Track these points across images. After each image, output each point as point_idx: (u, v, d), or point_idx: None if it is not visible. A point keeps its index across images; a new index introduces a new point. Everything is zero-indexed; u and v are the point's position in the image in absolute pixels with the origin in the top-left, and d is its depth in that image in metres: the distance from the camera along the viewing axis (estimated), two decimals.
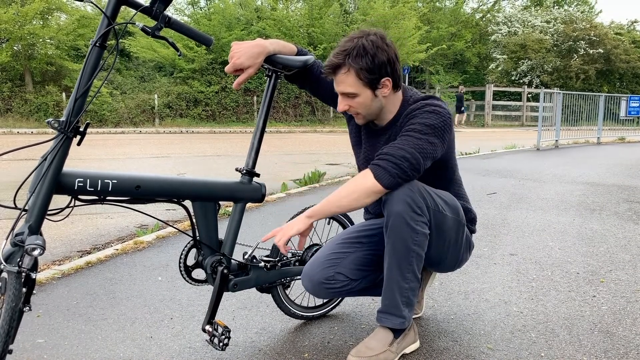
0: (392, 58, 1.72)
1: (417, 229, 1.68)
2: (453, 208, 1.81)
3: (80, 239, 3.73)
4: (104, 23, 1.45)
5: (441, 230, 1.77)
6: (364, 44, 1.69)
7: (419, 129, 1.68)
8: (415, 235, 1.68)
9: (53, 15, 19.53)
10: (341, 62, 1.70)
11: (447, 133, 1.72)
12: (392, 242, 1.70)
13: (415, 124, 1.70)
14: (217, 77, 20.13)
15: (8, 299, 1.31)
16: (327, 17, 21.60)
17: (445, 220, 1.77)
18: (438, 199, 1.76)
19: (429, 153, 1.68)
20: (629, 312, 2.27)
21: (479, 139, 13.96)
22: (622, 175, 6.74)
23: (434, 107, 1.73)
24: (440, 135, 1.70)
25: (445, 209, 1.77)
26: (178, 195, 1.71)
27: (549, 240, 3.47)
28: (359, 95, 1.74)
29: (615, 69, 26.43)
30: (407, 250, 1.69)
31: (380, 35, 1.73)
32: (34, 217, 1.40)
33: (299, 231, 1.72)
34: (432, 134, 1.68)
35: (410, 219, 1.66)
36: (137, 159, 8.81)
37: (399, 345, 1.81)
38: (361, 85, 1.72)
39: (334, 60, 1.72)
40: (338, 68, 1.72)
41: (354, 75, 1.70)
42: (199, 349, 1.92)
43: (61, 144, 1.42)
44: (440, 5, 30.33)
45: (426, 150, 1.67)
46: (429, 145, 1.67)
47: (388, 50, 1.71)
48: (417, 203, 1.68)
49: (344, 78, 1.72)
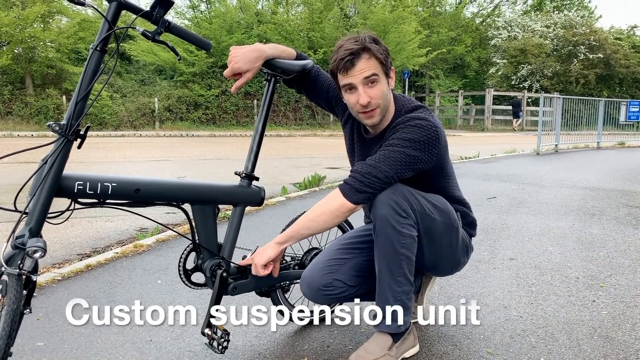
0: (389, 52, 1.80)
1: (404, 231, 1.68)
2: (443, 211, 1.81)
3: (80, 242, 3.73)
4: (104, 27, 1.45)
5: (431, 233, 1.77)
6: (368, 35, 1.75)
7: (397, 143, 1.69)
8: (402, 238, 1.68)
9: (54, 19, 19.58)
10: (362, 47, 1.71)
11: (433, 146, 1.70)
12: (380, 246, 1.71)
13: (394, 139, 1.70)
14: (218, 81, 20.16)
15: (9, 302, 1.31)
16: (327, 21, 21.66)
17: (434, 223, 1.77)
18: (425, 202, 1.76)
19: (405, 165, 1.67)
20: (628, 317, 2.27)
21: (478, 144, 13.96)
22: (621, 180, 6.75)
23: (418, 120, 1.72)
24: (423, 148, 1.68)
25: (433, 212, 1.77)
26: (177, 198, 1.71)
27: (548, 245, 3.47)
28: (380, 80, 1.73)
29: (615, 74, 26.46)
30: (396, 253, 1.69)
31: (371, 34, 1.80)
32: (34, 220, 1.40)
33: (270, 259, 1.75)
34: (411, 147, 1.67)
35: (395, 221, 1.67)
36: (138, 162, 8.82)
37: (398, 349, 1.81)
38: (381, 70, 1.74)
39: (353, 46, 1.70)
40: (360, 52, 1.70)
41: (374, 58, 1.72)
42: (199, 352, 1.92)
43: (62, 147, 1.42)
44: (440, 9, 30.41)
45: (400, 161, 1.66)
46: (405, 157, 1.67)
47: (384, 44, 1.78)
48: (401, 206, 1.68)
49: (366, 62, 1.71)
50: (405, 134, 1.70)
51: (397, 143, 1.69)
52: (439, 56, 25.56)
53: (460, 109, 24.92)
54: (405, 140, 1.68)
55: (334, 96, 1.97)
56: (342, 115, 1.99)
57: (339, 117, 2.02)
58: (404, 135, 1.69)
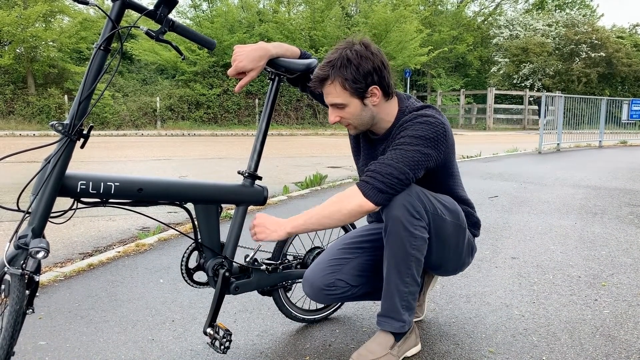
0: (378, 66, 1.70)
1: (416, 233, 1.68)
2: (453, 212, 1.81)
3: (82, 242, 3.74)
4: (108, 26, 1.45)
5: (441, 234, 1.77)
6: (347, 54, 1.69)
7: (409, 141, 1.67)
8: (414, 240, 1.68)
9: (56, 18, 19.60)
10: (326, 73, 1.70)
11: (441, 143, 1.71)
12: (390, 246, 1.70)
13: (405, 137, 1.69)
14: (219, 80, 20.17)
15: (12, 302, 1.32)
16: (328, 20, 21.66)
17: (445, 224, 1.77)
18: (437, 203, 1.76)
19: (421, 163, 1.67)
20: (630, 315, 2.27)
21: (480, 143, 13.95)
22: (623, 179, 6.74)
23: (426, 117, 1.72)
24: (433, 145, 1.69)
25: (444, 213, 1.77)
26: (180, 197, 1.71)
27: (550, 244, 3.47)
28: (348, 105, 1.73)
29: (617, 73, 26.42)
30: (406, 254, 1.69)
31: (365, 44, 1.72)
32: (37, 220, 1.40)
33: (279, 238, 1.75)
34: (423, 145, 1.67)
35: (408, 223, 1.66)
36: (139, 162, 8.83)
37: (400, 348, 1.81)
38: (348, 95, 1.71)
39: (319, 72, 1.73)
40: (324, 80, 1.72)
41: (339, 85, 1.70)
42: (201, 351, 1.92)
43: (65, 147, 1.42)
44: (441, 8, 30.38)
45: (416, 161, 1.66)
46: (421, 156, 1.66)
47: (373, 58, 1.70)
48: (416, 207, 1.68)
49: (331, 89, 1.72)
50: (415, 131, 1.69)
51: (409, 141, 1.67)
52: (441, 55, 25.56)
53: (461, 108, 24.91)
54: (417, 137, 1.67)
55: None
56: None
57: None
58: (415, 133, 1.68)
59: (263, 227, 1.76)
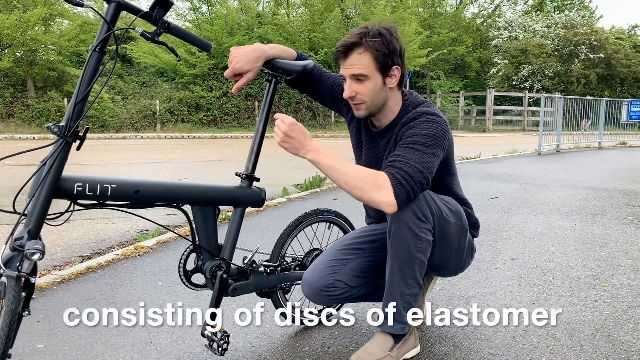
0: (402, 50, 1.72)
1: (421, 236, 1.67)
2: (456, 213, 1.81)
3: (80, 244, 3.73)
4: (103, 28, 1.45)
5: (444, 236, 1.76)
6: (379, 29, 1.69)
7: (424, 141, 1.64)
8: (419, 242, 1.68)
9: (55, 21, 19.66)
10: (357, 41, 1.68)
11: (445, 140, 1.70)
12: (395, 248, 1.69)
13: (419, 136, 1.66)
14: (219, 83, 20.20)
15: (7, 303, 1.31)
16: (328, 22, 21.70)
17: (449, 226, 1.77)
18: (442, 205, 1.75)
19: (434, 167, 1.66)
20: (630, 316, 2.26)
21: (480, 144, 13.95)
22: (623, 180, 6.73)
23: (431, 116, 1.71)
24: (441, 144, 1.68)
25: (449, 215, 1.76)
26: (177, 199, 1.71)
27: (550, 245, 3.46)
28: (370, 79, 1.70)
29: (616, 74, 26.45)
30: (410, 257, 1.68)
31: (393, 26, 1.73)
32: (33, 222, 1.39)
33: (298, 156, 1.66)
34: (435, 145, 1.65)
35: (414, 225, 1.66)
36: (139, 164, 8.82)
37: (399, 350, 1.80)
38: (374, 69, 1.69)
39: (349, 39, 1.69)
40: (353, 47, 1.68)
41: (369, 56, 1.68)
42: (199, 353, 1.92)
43: (60, 148, 1.42)
44: (440, 10, 30.42)
45: (433, 166, 1.65)
46: (434, 159, 1.65)
47: (399, 41, 1.72)
48: (422, 210, 1.67)
49: (358, 58, 1.69)
50: (426, 129, 1.67)
51: (423, 141, 1.64)
52: (440, 57, 25.58)
53: (461, 110, 24.91)
54: (429, 137, 1.65)
55: (338, 94, 1.94)
56: (347, 113, 1.98)
57: (344, 115, 2.01)
58: (426, 132, 1.66)
59: (292, 140, 1.67)
